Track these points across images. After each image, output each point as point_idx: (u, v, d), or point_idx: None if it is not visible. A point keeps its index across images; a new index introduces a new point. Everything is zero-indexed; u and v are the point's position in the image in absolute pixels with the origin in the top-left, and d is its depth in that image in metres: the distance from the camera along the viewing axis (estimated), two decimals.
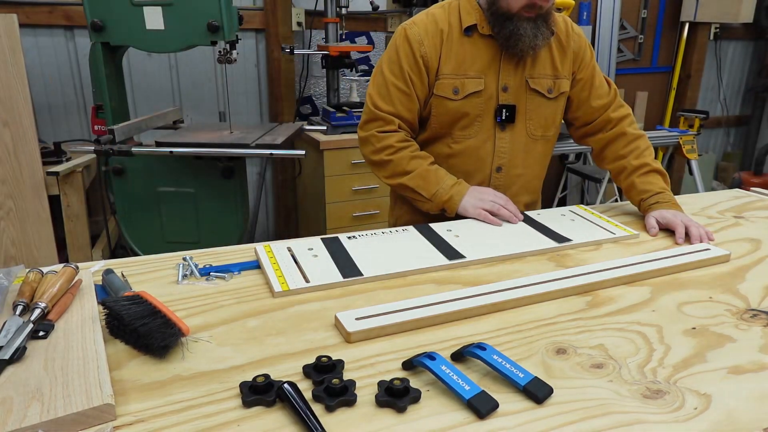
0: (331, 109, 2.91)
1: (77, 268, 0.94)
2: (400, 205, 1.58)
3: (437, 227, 1.29)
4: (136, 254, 2.32)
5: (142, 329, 0.78)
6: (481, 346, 0.77)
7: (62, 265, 0.94)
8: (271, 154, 2.20)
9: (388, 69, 1.41)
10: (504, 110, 1.40)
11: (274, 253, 1.12)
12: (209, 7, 2.13)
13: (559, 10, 2.99)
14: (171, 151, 2.17)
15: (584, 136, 1.55)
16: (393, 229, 1.27)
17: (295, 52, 2.90)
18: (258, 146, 2.21)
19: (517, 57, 1.38)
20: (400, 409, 0.68)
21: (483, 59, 1.39)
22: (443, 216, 1.41)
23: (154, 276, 1.05)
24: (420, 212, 1.48)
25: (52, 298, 0.85)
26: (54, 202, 2.41)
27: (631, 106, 4.29)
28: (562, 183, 4.07)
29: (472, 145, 1.43)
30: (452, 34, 1.38)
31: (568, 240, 1.23)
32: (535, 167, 1.51)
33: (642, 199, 1.42)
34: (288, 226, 3.46)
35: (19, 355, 0.75)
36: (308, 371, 0.75)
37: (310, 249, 1.15)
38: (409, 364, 0.76)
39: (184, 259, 1.09)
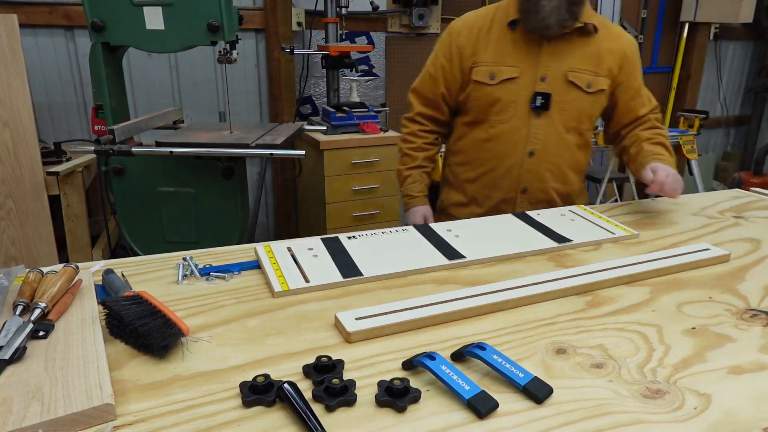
0: (331, 109, 2.91)
1: (77, 268, 0.94)
2: (446, 189, 1.74)
3: (437, 227, 1.29)
4: (136, 254, 2.32)
5: (142, 329, 0.78)
6: (481, 346, 0.77)
7: (62, 265, 0.94)
8: (271, 154, 2.20)
9: (430, 60, 1.65)
10: (539, 97, 1.51)
11: (274, 253, 1.12)
12: (209, 7, 2.13)
13: None
14: (171, 151, 2.17)
15: (618, 132, 1.67)
16: (393, 229, 1.27)
17: (295, 52, 2.89)
18: (258, 146, 2.21)
19: (546, 40, 1.50)
20: (400, 409, 0.68)
21: (523, 49, 1.52)
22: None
23: (154, 276, 1.05)
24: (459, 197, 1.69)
25: (52, 298, 0.85)
26: (54, 202, 2.41)
27: None
28: None
29: (507, 130, 1.55)
30: (494, 28, 1.55)
31: (568, 240, 1.23)
32: (567, 156, 1.59)
33: (644, 158, 1.52)
34: (288, 226, 3.46)
35: (19, 355, 0.75)
36: (308, 371, 0.75)
37: (310, 249, 1.15)
38: (409, 364, 0.76)
39: (184, 259, 1.09)
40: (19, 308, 0.85)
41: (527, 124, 1.53)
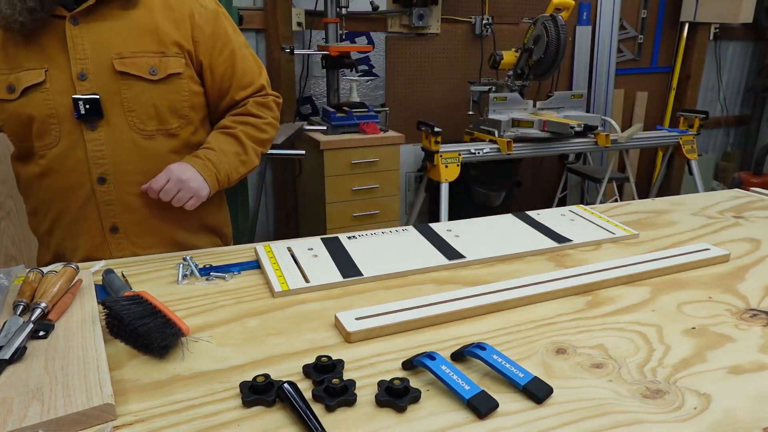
0: (331, 109, 2.91)
1: (77, 268, 0.94)
2: None
3: (437, 227, 1.29)
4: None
5: (142, 329, 0.78)
6: (481, 346, 0.77)
7: (62, 265, 0.94)
8: (271, 154, 2.20)
9: None
10: (83, 103, 1.14)
11: (274, 253, 1.12)
12: None
13: (558, 9, 2.99)
14: None
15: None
16: (393, 229, 1.27)
17: (295, 52, 2.90)
18: None
19: (73, 21, 1.13)
20: (400, 409, 0.68)
21: (45, 42, 1.14)
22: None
23: (154, 276, 1.05)
24: None
25: (52, 298, 0.86)
26: None
27: (631, 106, 4.31)
28: (562, 183, 4.07)
29: (59, 156, 1.17)
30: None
31: (568, 240, 1.23)
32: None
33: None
34: (288, 226, 3.46)
35: (19, 355, 0.75)
36: (308, 371, 0.75)
37: (310, 249, 1.15)
38: (409, 364, 0.76)
39: (184, 259, 1.09)
40: (19, 308, 0.85)
41: (82, 142, 1.16)
